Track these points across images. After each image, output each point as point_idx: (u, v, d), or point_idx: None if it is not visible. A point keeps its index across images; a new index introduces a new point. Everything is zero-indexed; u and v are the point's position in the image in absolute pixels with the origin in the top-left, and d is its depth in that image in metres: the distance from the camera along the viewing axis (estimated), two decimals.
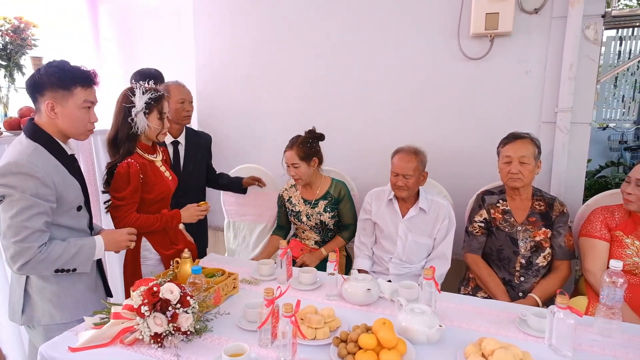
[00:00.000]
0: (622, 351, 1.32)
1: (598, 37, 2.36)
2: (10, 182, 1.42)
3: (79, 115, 1.56)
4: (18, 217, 1.42)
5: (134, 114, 1.84)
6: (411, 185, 2.17)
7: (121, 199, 1.84)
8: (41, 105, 1.53)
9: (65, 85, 1.52)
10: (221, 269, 1.77)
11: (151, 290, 1.36)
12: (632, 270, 1.87)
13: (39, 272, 1.51)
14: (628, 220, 1.93)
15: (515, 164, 2.04)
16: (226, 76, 3.19)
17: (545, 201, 2.11)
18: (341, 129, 2.70)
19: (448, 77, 2.65)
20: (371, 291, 1.64)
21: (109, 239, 1.66)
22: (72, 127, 1.57)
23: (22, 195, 1.42)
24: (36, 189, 1.44)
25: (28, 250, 1.43)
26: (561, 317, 1.27)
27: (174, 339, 1.34)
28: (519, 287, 2.07)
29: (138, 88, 1.85)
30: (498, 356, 1.18)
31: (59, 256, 1.49)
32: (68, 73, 1.53)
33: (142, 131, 1.87)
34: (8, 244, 1.43)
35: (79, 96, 1.55)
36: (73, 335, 1.39)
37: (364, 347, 1.25)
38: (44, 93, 1.51)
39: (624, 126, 7.43)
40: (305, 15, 2.91)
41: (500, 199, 2.17)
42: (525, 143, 2.06)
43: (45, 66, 1.53)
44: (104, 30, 3.07)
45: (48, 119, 1.54)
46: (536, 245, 2.05)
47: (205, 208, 2.08)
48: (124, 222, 1.85)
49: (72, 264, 1.54)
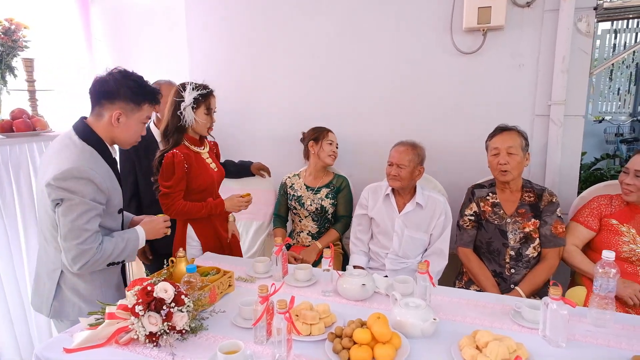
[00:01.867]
0: (616, 340, 1.33)
1: (590, 30, 2.36)
2: (71, 186, 1.48)
3: (137, 129, 1.67)
4: (78, 221, 1.49)
5: (183, 107, 2.00)
6: (404, 175, 2.18)
7: (168, 187, 2.00)
8: (106, 111, 1.59)
9: (137, 101, 1.61)
10: (216, 268, 1.76)
11: (145, 289, 1.36)
12: (629, 258, 1.89)
13: (95, 269, 1.59)
14: (625, 209, 1.96)
15: (503, 154, 2.07)
16: (220, 75, 3.18)
17: (535, 192, 2.13)
18: (336, 126, 2.70)
19: (442, 72, 2.65)
20: (366, 286, 1.64)
21: (149, 228, 1.75)
22: (127, 138, 1.66)
23: (81, 200, 1.49)
24: (94, 193, 1.52)
25: (88, 251, 1.51)
26: (554, 308, 1.28)
27: (169, 338, 1.33)
28: (510, 279, 2.09)
29: (189, 84, 2.02)
30: (492, 348, 1.18)
31: (111, 252, 1.59)
32: (143, 89, 1.62)
33: (189, 124, 2.04)
34: (70, 246, 1.50)
35: (144, 112, 1.65)
36: (68, 337, 1.39)
37: (359, 342, 1.26)
38: (114, 102, 1.58)
39: (619, 119, 7.45)
40: (299, 14, 2.91)
41: (490, 192, 2.20)
42: (512, 134, 2.09)
43: (122, 76, 1.58)
44: (96, 31, 3.06)
45: (108, 125, 1.60)
46: (525, 236, 2.08)
47: (249, 199, 2.19)
48: (172, 208, 2.02)
49: (122, 256, 1.64)
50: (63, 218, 1.49)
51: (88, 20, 3.00)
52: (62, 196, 1.48)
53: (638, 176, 1.87)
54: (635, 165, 1.89)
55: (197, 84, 2.05)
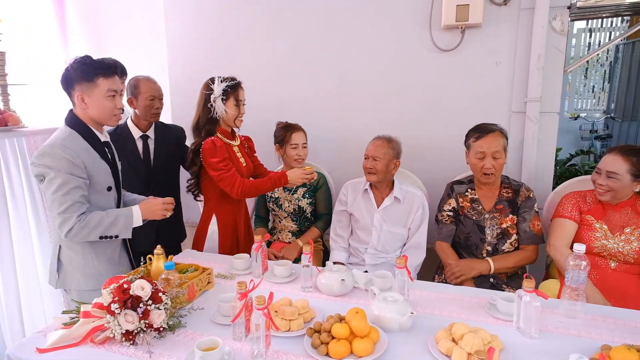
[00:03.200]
0: (586, 331, 1.37)
1: (564, 28, 2.41)
2: (46, 162, 1.62)
3: (105, 104, 1.73)
4: (58, 192, 1.62)
5: (213, 99, 2.07)
6: (379, 168, 2.21)
7: (220, 169, 2.04)
8: (74, 98, 1.72)
9: (88, 77, 1.68)
10: (195, 265, 1.75)
11: (121, 287, 1.34)
12: (600, 253, 1.94)
13: (84, 238, 1.69)
14: (598, 206, 2.00)
15: (489, 159, 2.06)
16: (199, 70, 3.13)
17: (512, 188, 2.15)
18: (315, 122, 2.71)
19: (421, 68, 2.67)
20: (345, 282, 1.65)
21: (145, 208, 1.81)
22: (101, 114, 1.74)
23: (57, 173, 1.62)
24: (69, 167, 1.63)
25: (69, 219, 1.63)
26: (528, 300, 1.31)
27: (146, 336, 1.32)
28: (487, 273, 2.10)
29: (217, 77, 2.09)
30: (467, 340, 1.21)
31: (97, 223, 1.68)
32: (89, 66, 1.69)
33: (220, 116, 2.10)
34: (54, 215, 1.66)
35: (102, 86, 1.70)
36: (42, 336, 1.37)
37: (337, 337, 1.26)
38: (74, 87, 1.70)
39: (594, 116, 7.63)
40: (278, 9, 2.89)
41: (469, 188, 2.22)
42: (497, 136, 2.08)
43: (72, 63, 1.70)
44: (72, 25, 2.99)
45: (81, 109, 1.73)
46: (502, 232, 2.11)
47: (311, 171, 2.18)
48: (236, 185, 2.06)
49: (113, 230, 1.72)
50: (46, 192, 1.65)
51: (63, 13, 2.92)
52: (41, 172, 1.63)
53: (610, 177, 1.89)
54: (606, 167, 1.91)
55: (225, 77, 2.11)
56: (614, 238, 1.92)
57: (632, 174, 1.86)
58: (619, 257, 1.90)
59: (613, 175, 1.88)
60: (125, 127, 2.46)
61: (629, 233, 1.90)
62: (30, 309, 2.23)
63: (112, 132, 2.43)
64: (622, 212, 1.94)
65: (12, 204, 2.12)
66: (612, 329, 1.38)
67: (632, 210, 1.92)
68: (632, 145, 1.94)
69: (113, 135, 2.41)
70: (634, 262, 1.89)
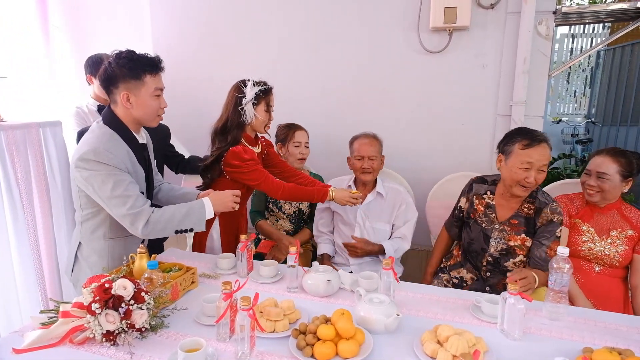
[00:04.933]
0: (569, 333, 1.38)
1: (550, 33, 2.45)
2: (92, 167, 1.55)
3: (151, 103, 1.66)
4: (116, 191, 1.55)
5: (244, 103, 1.98)
6: (376, 167, 2.26)
7: (250, 165, 1.96)
8: (116, 96, 1.63)
9: (136, 75, 1.61)
10: (179, 264, 1.73)
11: (103, 286, 1.31)
12: (587, 256, 1.96)
13: (160, 233, 1.64)
14: (586, 208, 2.03)
15: (534, 172, 1.80)
16: (185, 67, 3.11)
17: (535, 204, 1.89)
18: (303, 121, 2.69)
19: (408, 70, 2.69)
20: (331, 282, 1.64)
21: (216, 199, 1.77)
22: (145, 115, 1.67)
23: (108, 174, 1.55)
24: (117, 166, 1.58)
25: (142, 213, 1.58)
26: (512, 302, 1.32)
27: (127, 337, 1.29)
28: (486, 281, 2.02)
29: (250, 80, 2.00)
30: (452, 342, 1.21)
31: (171, 216, 1.64)
32: (137, 62, 1.61)
33: (249, 121, 2.01)
34: (123, 214, 1.57)
35: (149, 85, 1.64)
36: (18, 336, 1.32)
37: (323, 338, 1.25)
38: (118, 85, 1.61)
39: (575, 120, 7.78)
40: (266, 7, 2.87)
41: (489, 191, 2.02)
42: (546, 148, 1.81)
43: (114, 58, 1.61)
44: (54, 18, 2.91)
45: (124, 109, 1.65)
46: (507, 249, 1.93)
47: (358, 196, 2.13)
48: (267, 181, 2.00)
49: (187, 223, 1.68)
50: (102, 193, 1.57)
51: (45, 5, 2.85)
52: (90, 174, 1.55)
53: (600, 177, 1.92)
54: (596, 168, 1.93)
55: (257, 81, 2.03)
56: (600, 241, 1.95)
57: (621, 174, 1.90)
58: (605, 260, 1.93)
59: (603, 176, 1.91)
60: None
61: (615, 236, 1.93)
62: (5, 309, 2.17)
63: None
64: (608, 215, 1.97)
65: None
66: (594, 331, 1.40)
67: (618, 214, 1.96)
68: (618, 148, 1.98)
69: None
70: (618, 265, 1.92)
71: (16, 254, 2.16)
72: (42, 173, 2.27)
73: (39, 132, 2.25)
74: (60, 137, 2.36)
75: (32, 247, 2.19)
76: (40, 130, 2.25)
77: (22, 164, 2.14)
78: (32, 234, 2.19)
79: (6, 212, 2.11)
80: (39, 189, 2.23)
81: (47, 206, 2.28)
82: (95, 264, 1.73)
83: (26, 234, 2.18)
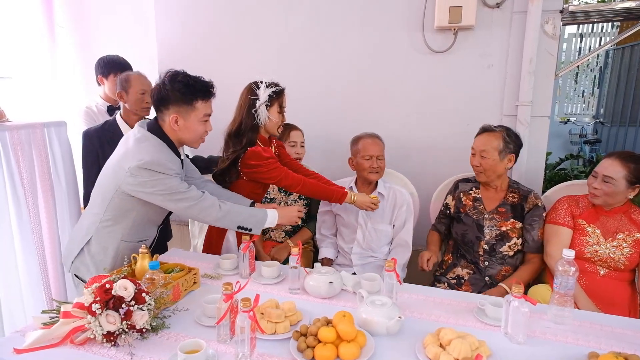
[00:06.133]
0: (574, 337, 1.36)
1: (556, 32, 2.42)
2: (152, 176, 1.60)
3: (197, 128, 1.72)
4: (179, 190, 1.63)
5: (258, 106, 1.97)
6: (383, 166, 2.27)
7: (270, 164, 1.97)
8: (165, 116, 1.68)
9: (188, 100, 1.65)
10: (180, 264, 1.72)
11: (103, 287, 1.31)
12: (592, 258, 1.93)
13: (228, 224, 1.76)
14: (591, 210, 2.00)
15: (477, 156, 2.10)
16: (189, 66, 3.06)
17: (520, 194, 2.13)
18: (305, 122, 2.68)
19: (413, 70, 2.66)
20: (333, 284, 1.63)
21: (284, 213, 1.88)
22: (191, 138, 1.73)
23: (169, 179, 1.62)
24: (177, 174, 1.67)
25: (211, 206, 1.68)
26: (516, 305, 1.30)
27: (128, 337, 1.29)
28: (484, 271, 2.11)
29: (262, 82, 1.98)
30: (455, 346, 1.19)
31: (238, 212, 1.75)
32: (191, 88, 1.65)
33: (262, 123, 1.99)
34: (195, 211, 1.67)
35: (199, 110, 1.69)
36: (20, 336, 1.33)
37: (324, 341, 1.24)
38: (169, 107, 1.66)
39: (583, 120, 7.71)
40: (269, 6, 2.87)
41: (474, 187, 2.22)
42: (490, 137, 2.08)
43: (169, 79, 1.65)
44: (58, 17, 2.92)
45: (170, 129, 1.70)
46: (501, 234, 2.09)
47: (377, 202, 2.13)
48: (287, 177, 1.99)
49: (249, 223, 1.77)
50: (171, 197, 1.64)
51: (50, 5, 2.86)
52: (147, 181, 1.60)
53: (606, 181, 1.89)
54: (603, 171, 1.90)
55: (270, 82, 2.01)
56: (606, 244, 1.92)
57: (628, 180, 1.86)
58: (610, 263, 1.90)
59: (609, 180, 1.88)
60: (114, 123, 2.41)
61: (621, 239, 1.90)
62: (9, 308, 2.18)
63: (100, 127, 2.39)
64: (615, 218, 1.94)
65: None
66: (599, 335, 1.37)
67: (625, 217, 1.93)
68: (631, 152, 1.94)
69: (101, 130, 2.38)
70: (624, 268, 1.89)
71: (20, 253, 2.17)
72: (47, 173, 2.27)
73: (43, 132, 2.26)
74: (65, 137, 2.37)
75: (36, 247, 2.20)
76: (45, 130, 2.26)
77: (27, 163, 2.15)
78: (36, 234, 2.20)
79: (11, 211, 2.12)
80: (43, 189, 2.24)
81: (52, 206, 2.28)
82: (101, 262, 1.75)
83: (30, 234, 2.19)
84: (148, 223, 1.84)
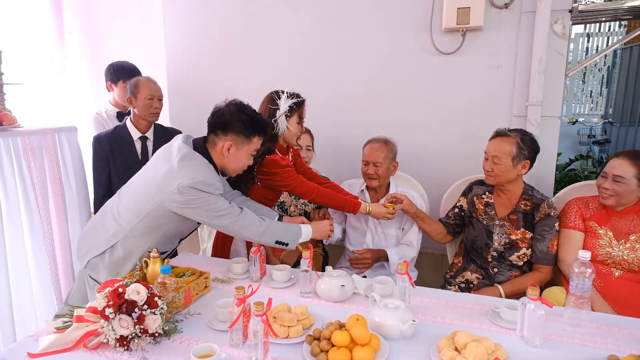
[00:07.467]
0: (591, 340, 1.34)
1: (566, 32, 2.40)
2: (199, 195, 1.62)
3: (244, 161, 1.77)
4: (223, 210, 1.66)
5: (278, 116, 1.96)
6: (381, 173, 2.20)
7: (287, 172, 1.97)
8: (219, 141, 1.72)
9: (248, 134, 1.70)
10: (192, 268, 1.72)
11: (116, 291, 1.31)
12: (605, 261, 1.90)
13: (267, 240, 1.74)
14: (602, 212, 1.96)
15: (489, 161, 2.04)
16: (197, 71, 3.12)
17: (533, 201, 2.03)
18: (314, 124, 2.67)
19: (421, 71, 2.66)
20: (345, 287, 1.62)
21: (317, 228, 1.89)
22: (235, 167, 1.78)
23: (215, 198, 1.65)
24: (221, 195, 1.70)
25: (252, 223, 1.71)
26: (532, 308, 1.28)
27: (141, 342, 1.29)
28: (494, 276, 2.07)
29: (284, 92, 1.98)
30: (471, 349, 1.18)
31: (276, 227, 1.76)
32: (255, 123, 1.71)
33: (281, 133, 1.99)
34: (236, 227, 1.69)
35: (253, 145, 1.74)
36: (33, 340, 1.33)
37: (337, 345, 1.23)
38: (227, 133, 1.70)
39: (592, 120, 7.64)
40: (277, 10, 2.87)
41: (487, 191, 2.17)
42: (503, 141, 2.01)
43: (236, 109, 1.70)
44: (69, 24, 2.95)
45: (219, 154, 1.73)
46: (510, 243, 2.03)
47: (393, 212, 2.13)
48: (301, 185, 2.00)
49: (287, 238, 1.77)
50: (216, 214, 1.66)
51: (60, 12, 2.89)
52: (194, 199, 1.61)
53: (616, 181, 1.86)
54: (613, 170, 1.87)
55: (291, 92, 2.01)
56: (618, 245, 1.89)
57: (638, 178, 1.83)
58: (623, 265, 1.87)
59: (619, 180, 1.85)
60: (124, 128, 2.43)
61: (634, 240, 1.87)
62: (21, 312, 2.19)
63: (110, 132, 2.40)
64: (627, 218, 1.91)
65: (5, 205, 2.08)
66: (617, 338, 1.35)
67: (638, 217, 1.90)
68: (639, 150, 1.92)
69: (112, 135, 2.39)
70: (638, 270, 1.86)
71: (32, 258, 2.18)
72: (58, 178, 2.29)
73: (54, 138, 2.28)
74: (76, 142, 2.39)
75: (47, 251, 2.21)
76: (55, 136, 2.28)
77: (38, 168, 2.16)
78: (47, 238, 2.21)
79: (22, 216, 2.13)
80: (54, 194, 2.26)
81: (63, 210, 2.30)
82: (121, 265, 1.76)
83: (42, 238, 2.20)
84: (176, 236, 1.87)
